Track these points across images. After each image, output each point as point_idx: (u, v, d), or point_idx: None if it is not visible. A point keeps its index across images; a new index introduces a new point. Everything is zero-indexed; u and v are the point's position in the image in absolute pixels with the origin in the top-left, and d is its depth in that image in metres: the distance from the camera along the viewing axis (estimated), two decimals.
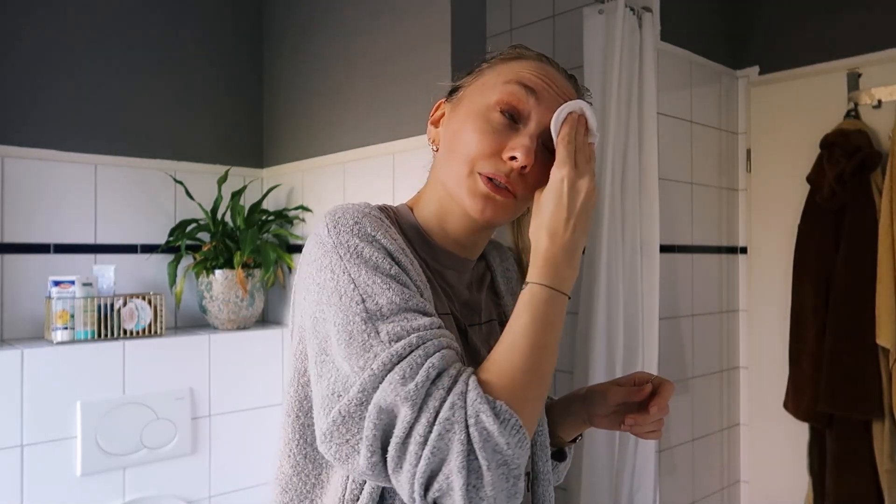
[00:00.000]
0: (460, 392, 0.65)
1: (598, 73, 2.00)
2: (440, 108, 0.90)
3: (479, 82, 0.85)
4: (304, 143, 2.22)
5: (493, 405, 0.65)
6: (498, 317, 0.93)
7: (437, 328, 0.71)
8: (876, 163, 2.13)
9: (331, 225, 0.75)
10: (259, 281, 2.14)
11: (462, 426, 0.64)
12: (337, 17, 2.10)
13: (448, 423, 0.64)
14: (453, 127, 0.84)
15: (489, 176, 0.78)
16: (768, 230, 2.49)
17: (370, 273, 0.72)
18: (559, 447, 0.99)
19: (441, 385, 0.66)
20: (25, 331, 1.94)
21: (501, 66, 0.85)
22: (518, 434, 0.65)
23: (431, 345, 0.68)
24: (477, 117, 0.81)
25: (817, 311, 2.19)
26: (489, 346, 0.85)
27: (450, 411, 0.64)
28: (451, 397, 0.65)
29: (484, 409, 0.64)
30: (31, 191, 1.95)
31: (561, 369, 2.25)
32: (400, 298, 0.71)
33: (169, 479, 1.91)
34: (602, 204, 1.95)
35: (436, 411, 0.64)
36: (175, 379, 1.93)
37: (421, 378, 0.65)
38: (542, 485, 0.89)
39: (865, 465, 2.07)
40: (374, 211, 0.79)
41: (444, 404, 0.65)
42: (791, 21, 2.44)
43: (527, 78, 0.82)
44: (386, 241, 0.75)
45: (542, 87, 0.82)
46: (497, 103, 0.80)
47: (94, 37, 2.08)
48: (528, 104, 0.80)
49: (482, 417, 0.64)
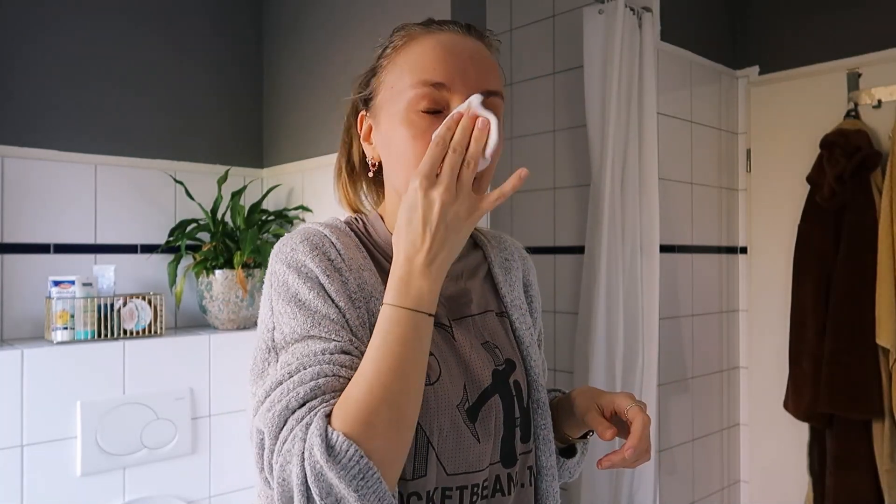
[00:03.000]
0: (306, 424, 0.65)
1: (598, 73, 2.00)
2: (364, 121, 0.87)
3: (387, 86, 0.81)
4: (304, 143, 2.22)
5: (326, 438, 0.63)
6: (497, 308, 0.91)
7: (330, 354, 0.70)
8: (876, 163, 2.13)
9: (274, 252, 0.79)
10: (259, 281, 2.14)
11: (299, 459, 0.64)
12: (337, 17, 2.10)
13: (289, 454, 0.65)
14: (384, 140, 0.82)
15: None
16: (768, 230, 2.49)
17: (286, 302, 0.74)
18: (569, 444, 0.97)
19: (297, 416, 0.66)
20: (25, 331, 1.94)
21: (399, 58, 0.80)
22: (356, 467, 0.62)
23: (309, 372, 0.68)
24: (402, 125, 0.77)
25: (817, 311, 2.19)
26: (484, 339, 0.85)
27: (291, 443, 0.65)
28: (296, 429, 0.65)
29: (316, 443, 0.63)
30: (31, 191, 1.95)
31: (561, 369, 2.25)
32: (302, 328, 0.72)
33: (169, 479, 1.91)
34: (602, 204, 1.95)
35: (284, 441, 0.66)
36: (175, 379, 1.93)
37: (281, 407, 0.67)
38: (545, 480, 0.88)
39: (865, 465, 2.07)
40: (326, 230, 0.81)
41: (289, 434, 0.66)
42: (791, 21, 2.44)
43: (430, 72, 0.77)
44: (315, 264, 0.76)
45: (449, 71, 0.77)
46: (413, 106, 0.77)
47: (94, 37, 2.08)
48: (443, 96, 0.77)
49: (314, 451, 0.63)
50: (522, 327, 0.91)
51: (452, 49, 0.79)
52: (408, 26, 0.84)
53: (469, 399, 0.79)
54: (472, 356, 0.82)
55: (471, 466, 0.78)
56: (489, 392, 0.81)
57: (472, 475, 0.78)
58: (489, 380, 0.82)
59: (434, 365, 0.77)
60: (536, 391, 0.89)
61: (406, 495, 0.74)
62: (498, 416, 0.81)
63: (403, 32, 0.83)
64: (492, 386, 0.82)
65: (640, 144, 2.01)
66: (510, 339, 0.90)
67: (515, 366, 0.87)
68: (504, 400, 0.83)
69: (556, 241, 2.30)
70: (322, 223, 0.83)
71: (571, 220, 2.25)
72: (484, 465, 0.79)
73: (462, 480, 0.77)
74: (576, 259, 2.20)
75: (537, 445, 0.88)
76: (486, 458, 0.80)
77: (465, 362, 0.81)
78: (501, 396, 0.82)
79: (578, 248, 2.17)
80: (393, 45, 0.83)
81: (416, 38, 0.81)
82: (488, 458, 0.80)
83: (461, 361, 0.81)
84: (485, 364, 0.83)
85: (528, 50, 2.39)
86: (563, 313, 2.27)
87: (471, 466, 0.78)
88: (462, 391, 0.79)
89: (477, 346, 0.84)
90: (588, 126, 2.02)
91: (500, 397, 0.82)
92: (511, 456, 0.83)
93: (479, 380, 0.81)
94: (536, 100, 2.36)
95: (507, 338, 0.89)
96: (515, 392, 0.85)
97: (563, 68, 2.28)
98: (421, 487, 0.75)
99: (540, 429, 0.89)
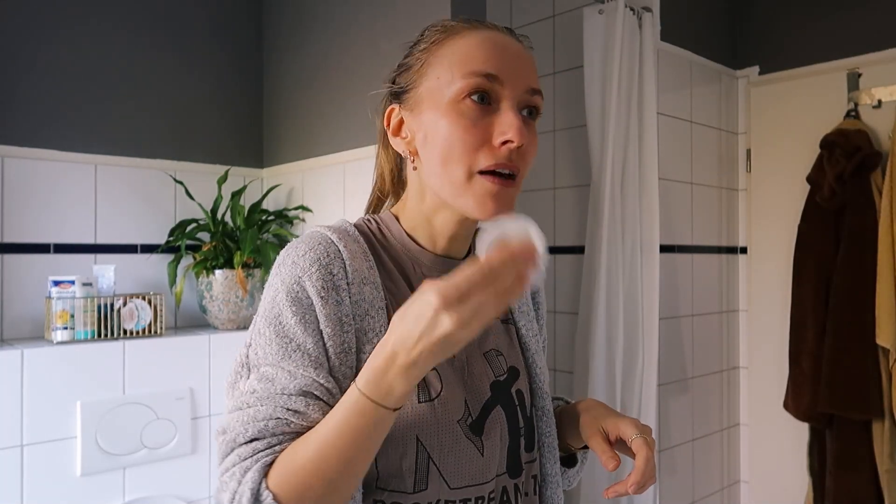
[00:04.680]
0: (245, 467, 0.67)
1: (598, 73, 2.00)
2: (393, 114, 0.83)
3: (432, 77, 0.78)
4: (304, 143, 2.22)
5: (256, 493, 0.66)
6: (503, 315, 0.90)
7: (289, 395, 0.70)
8: (876, 163, 2.13)
9: (279, 261, 0.78)
10: (259, 281, 2.14)
11: (230, 497, 0.67)
12: (337, 17, 2.10)
13: (225, 485, 0.68)
14: (425, 130, 0.78)
15: (492, 169, 0.74)
16: (768, 230, 2.49)
17: (268, 323, 0.74)
18: (570, 453, 0.97)
19: (240, 452, 0.69)
20: (25, 331, 1.94)
21: (443, 51, 0.78)
22: None
23: (263, 410, 0.70)
24: (449, 112, 0.75)
25: (817, 311, 2.19)
26: (488, 347, 0.85)
27: (228, 478, 0.68)
28: (236, 467, 0.68)
29: (246, 495, 0.65)
30: (31, 191, 1.95)
31: (561, 369, 2.25)
32: (273, 356, 0.72)
33: (169, 479, 1.91)
34: (602, 204, 1.95)
35: (225, 470, 0.69)
36: (175, 379, 1.93)
37: (230, 436, 0.70)
38: (549, 487, 0.88)
39: (865, 465, 2.07)
40: (334, 236, 0.77)
41: (230, 469, 0.68)
42: (791, 21, 2.44)
43: (482, 63, 0.75)
44: (312, 283, 0.73)
45: (501, 64, 0.76)
46: (463, 95, 0.75)
47: (94, 37, 2.08)
48: (494, 88, 0.76)
49: (243, 500, 0.66)
50: (529, 334, 0.91)
51: (501, 44, 0.78)
52: (443, 22, 0.82)
53: (472, 414, 0.78)
54: (471, 369, 0.81)
55: (475, 479, 0.77)
56: (490, 404, 0.81)
57: (478, 487, 0.77)
58: (488, 392, 0.81)
59: (434, 381, 0.77)
60: (541, 399, 0.89)
61: None
62: (503, 427, 0.81)
63: (440, 27, 0.81)
64: (492, 398, 0.81)
65: (640, 144, 2.01)
66: (516, 347, 0.89)
67: (519, 374, 0.86)
68: (507, 410, 0.82)
69: (556, 241, 2.30)
70: (331, 228, 0.79)
71: (571, 220, 2.25)
72: (490, 478, 0.79)
73: (466, 493, 0.77)
74: (576, 259, 2.20)
75: (542, 453, 0.88)
76: (492, 470, 0.79)
77: (464, 376, 0.80)
78: (503, 407, 0.82)
79: (578, 248, 2.17)
80: (432, 39, 0.80)
81: (459, 32, 0.79)
82: (494, 471, 0.79)
83: (461, 375, 0.80)
84: (484, 376, 0.82)
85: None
86: (563, 313, 2.27)
87: (475, 479, 0.77)
88: (463, 406, 0.78)
89: (477, 357, 0.83)
90: (588, 126, 2.02)
91: (502, 408, 0.82)
92: (517, 466, 0.83)
93: (479, 393, 0.80)
94: None
95: (513, 345, 0.89)
96: (518, 401, 0.84)
97: (563, 68, 2.28)
98: (422, 500, 0.74)
99: (545, 436, 0.88)
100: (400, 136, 0.83)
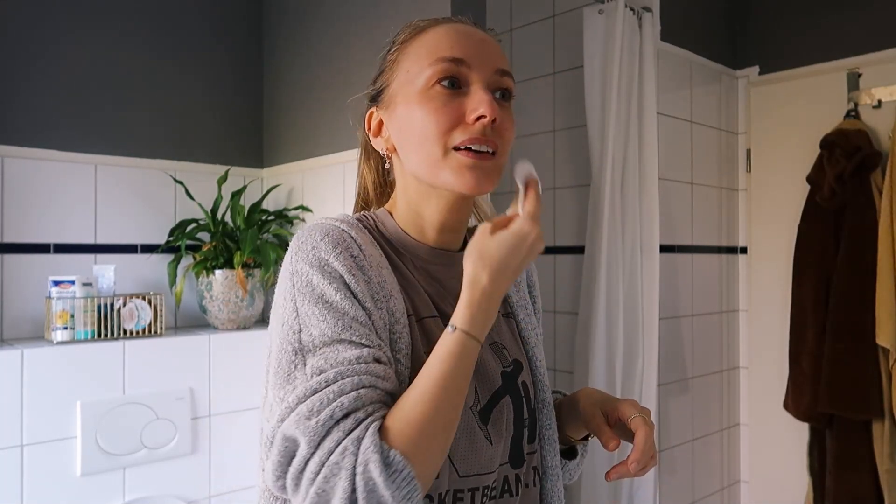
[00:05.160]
0: (357, 437, 0.64)
1: (598, 73, 2.00)
2: (372, 117, 0.87)
3: (402, 73, 0.81)
4: (304, 143, 2.22)
5: (385, 455, 0.63)
6: (503, 309, 0.91)
7: (365, 363, 0.69)
8: (876, 163, 2.13)
9: (293, 249, 0.76)
10: (259, 281, 2.14)
11: (349, 473, 0.63)
12: (337, 17, 2.10)
13: (336, 467, 0.63)
14: (400, 122, 0.81)
15: (467, 145, 0.76)
16: (768, 230, 2.49)
17: (312, 303, 0.72)
18: (570, 445, 0.98)
19: (343, 427, 0.65)
20: (25, 331, 1.94)
21: (411, 48, 0.82)
22: (407, 487, 0.63)
23: (349, 382, 0.67)
24: (421, 100, 0.78)
25: (817, 311, 2.19)
26: (492, 339, 0.86)
27: (340, 456, 0.64)
28: (346, 441, 0.64)
29: (374, 459, 0.63)
30: (31, 191, 1.95)
31: (561, 369, 2.26)
32: (332, 330, 0.70)
33: (169, 479, 1.91)
34: (602, 204, 1.95)
35: (329, 452, 0.64)
36: (175, 379, 1.93)
37: (325, 416, 0.65)
38: (550, 480, 0.88)
39: (865, 465, 2.07)
40: (343, 225, 0.79)
41: (338, 447, 0.64)
42: (791, 21, 2.44)
43: (447, 50, 0.78)
44: (340, 262, 0.74)
45: (467, 49, 0.79)
46: (433, 81, 0.77)
47: (94, 37, 2.08)
48: (462, 71, 0.78)
49: (370, 467, 0.62)
50: (528, 328, 0.92)
51: (465, 32, 0.81)
52: (415, 22, 0.85)
53: (481, 401, 0.79)
54: (482, 358, 0.82)
55: (482, 468, 0.78)
56: (500, 393, 0.82)
57: (483, 477, 0.78)
58: (499, 381, 0.82)
59: None
60: (542, 391, 0.89)
61: None
62: (509, 417, 0.82)
63: (410, 28, 0.84)
64: (502, 387, 0.82)
65: (640, 144, 2.01)
66: (516, 340, 0.90)
67: (522, 366, 0.87)
68: (514, 401, 0.83)
69: (556, 241, 2.30)
70: (337, 219, 0.81)
71: (571, 220, 2.25)
72: (494, 467, 0.79)
73: (473, 482, 0.77)
74: (576, 259, 2.20)
75: (542, 445, 0.88)
76: (497, 459, 0.80)
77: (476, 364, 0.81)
78: (512, 397, 0.83)
79: (578, 248, 2.17)
80: (401, 39, 0.84)
81: (426, 28, 0.83)
82: (498, 460, 0.80)
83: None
84: (495, 365, 0.83)
85: (528, 50, 2.39)
86: (563, 313, 2.27)
87: (482, 468, 0.78)
88: (474, 393, 0.79)
89: (486, 348, 0.84)
90: (588, 126, 2.02)
91: (510, 398, 0.83)
92: (519, 457, 0.83)
93: (489, 382, 0.81)
94: (536, 100, 2.36)
95: (514, 339, 0.90)
96: (524, 393, 0.85)
97: (563, 68, 2.28)
98: (433, 490, 0.74)
99: (545, 429, 0.89)
100: (380, 135, 0.86)
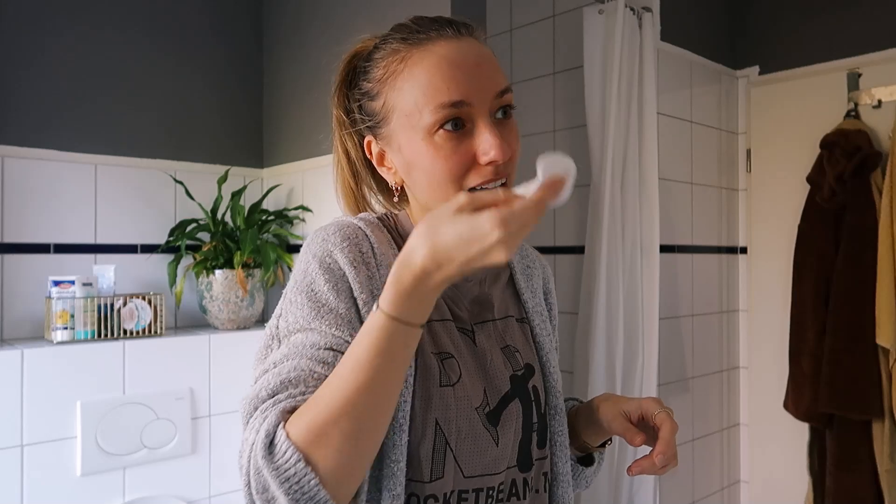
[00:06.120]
0: (264, 417, 0.65)
1: (598, 73, 2.00)
2: (372, 146, 0.83)
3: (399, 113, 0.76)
4: (304, 143, 2.22)
5: (272, 435, 0.63)
6: (518, 314, 0.91)
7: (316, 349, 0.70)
8: (876, 163, 2.13)
9: (308, 240, 0.80)
10: (259, 281, 2.14)
11: (249, 450, 0.64)
12: (337, 17, 2.10)
13: (246, 443, 0.66)
14: (407, 163, 0.78)
15: (482, 186, 0.74)
16: (768, 230, 2.49)
17: (299, 292, 0.75)
18: (588, 452, 0.97)
19: (263, 407, 0.67)
20: (25, 331, 1.94)
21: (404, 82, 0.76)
22: (290, 471, 0.61)
23: (287, 365, 0.69)
24: (427, 146, 0.74)
25: (817, 310, 2.19)
26: (505, 343, 0.86)
27: (250, 432, 0.66)
28: (257, 420, 0.66)
29: (261, 438, 0.63)
30: (31, 191, 1.95)
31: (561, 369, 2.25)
32: (304, 319, 0.73)
33: (169, 479, 1.91)
34: (602, 204, 1.95)
35: (251, 430, 0.66)
36: (175, 379, 1.93)
37: (252, 394, 0.69)
38: (560, 486, 0.88)
39: (865, 465, 2.07)
40: (360, 223, 0.81)
41: (251, 423, 0.66)
42: (791, 21, 2.44)
43: (445, 93, 0.73)
44: (344, 255, 0.76)
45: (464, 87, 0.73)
46: (435, 128, 0.74)
47: (94, 37, 2.08)
48: (464, 111, 0.74)
49: (257, 446, 0.63)
50: (542, 333, 0.91)
51: (456, 62, 0.74)
52: (389, 42, 0.78)
53: (490, 403, 0.80)
54: (492, 360, 0.82)
55: (487, 469, 0.78)
56: (509, 397, 0.82)
57: (489, 478, 0.78)
58: (508, 385, 0.82)
59: (455, 367, 0.78)
60: (554, 397, 0.89)
61: (423, 498, 0.75)
62: (517, 420, 0.82)
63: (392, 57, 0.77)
64: (512, 391, 0.82)
65: (640, 144, 2.01)
66: (530, 345, 0.90)
67: (534, 371, 0.87)
68: (523, 404, 0.83)
69: (556, 241, 2.30)
70: (357, 217, 0.83)
71: (571, 220, 2.25)
72: (501, 469, 0.79)
73: (478, 483, 0.77)
74: (576, 259, 2.20)
75: (553, 451, 0.88)
76: (504, 461, 0.80)
77: (485, 366, 0.82)
78: (521, 401, 0.83)
79: (578, 248, 2.17)
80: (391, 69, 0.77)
81: (412, 56, 0.76)
82: (506, 462, 0.80)
83: (481, 365, 0.81)
84: (504, 369, 0.83)
85: (528, 50, 2.39)
86: (563, 313, 2.27)
87: (487, 469, 0.78)
88: (482, 394, 0.79)
89: (497, 351, 0.84)
90: (588, 126, 2.02)
91: (519, 402, 0.83)
92: (527, 461, 0.83)
93: (499, 384, 0.82)
94: (536, 100, 2.36)
95: (528, 344, 0.90)
96: (534, 397, 0.85)
97: (563, 68, 2.28)
98: (438, 490, 0.75)
99: (556, 435, 0.88)
100: (385, 165, 0.83)
